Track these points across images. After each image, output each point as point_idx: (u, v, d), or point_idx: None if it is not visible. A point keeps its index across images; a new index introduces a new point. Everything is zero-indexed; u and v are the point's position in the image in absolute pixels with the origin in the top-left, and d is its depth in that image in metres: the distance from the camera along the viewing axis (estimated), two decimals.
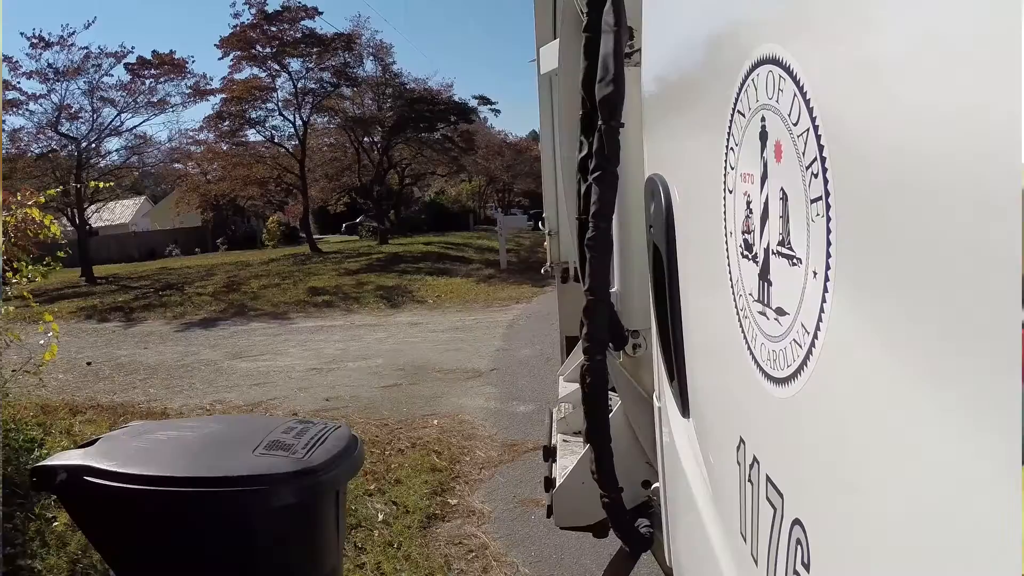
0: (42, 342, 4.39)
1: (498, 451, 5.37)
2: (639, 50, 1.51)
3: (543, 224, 5.76)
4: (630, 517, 1.82)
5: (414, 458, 5.13)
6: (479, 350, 9.19)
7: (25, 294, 4.52)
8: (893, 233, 0.57)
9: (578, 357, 2.13)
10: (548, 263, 5.63)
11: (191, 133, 28.92)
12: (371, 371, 8.26)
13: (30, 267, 4.56)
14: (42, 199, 4.85)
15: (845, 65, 0.63)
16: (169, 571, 1.74)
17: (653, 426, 1.75)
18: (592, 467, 1.50)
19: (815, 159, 0.63)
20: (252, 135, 27.11)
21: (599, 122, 1.36)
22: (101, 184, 5.72)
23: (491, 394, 7.23)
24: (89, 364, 7.26)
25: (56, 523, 3.77)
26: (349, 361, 8.73)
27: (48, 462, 1.78)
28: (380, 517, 4.15)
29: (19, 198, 4.66)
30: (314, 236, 28.07)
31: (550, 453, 2.64)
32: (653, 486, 1.73)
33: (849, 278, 0.61)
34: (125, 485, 1.59)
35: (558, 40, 2.49)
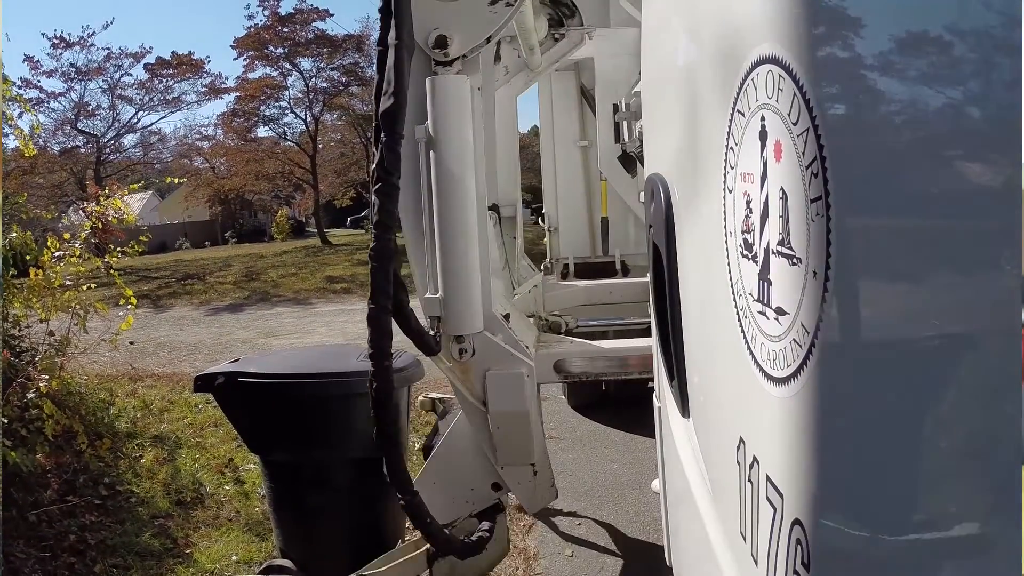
0: (121, 313, 4.99)
1: None
2: (458, 58, 1.54)
3: (543, 220, 5.76)
4: (479, 517, 1.86)
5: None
6: None
7: (113, 272, 5.23)
8: (893, 233, 0.57)
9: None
10: (548, 259, 5.63)
11: (200, 129, 29.40)
12: (393, 344, 8.75)
13: (118, 249, 5.38)
14: (126, 192, 5.68)
15: (845, 65, 0.62)
16: (299, 446, 2.21)
17: (487, 430, 1.77)
18: (386, 470, 1.53)
19: (815, 159, 0.63)
20: (264, 132, 27.59)
21: (381, 134, 1.39)
22: (134, 187, 6.09)
23: None
24: (132, 344, 7.49)
25: (143, 459, 4.61)
26: None
27: (208, 371, 2.37)
28: (416, 446, 4.81)
29: (107, 191, 5.49)
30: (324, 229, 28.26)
31: (428, 452, 2.68)
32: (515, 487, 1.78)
33: (849, 278, 0.61)
34: (270, 381, 2.05)
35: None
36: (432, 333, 1.65)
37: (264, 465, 2.42)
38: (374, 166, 1.44)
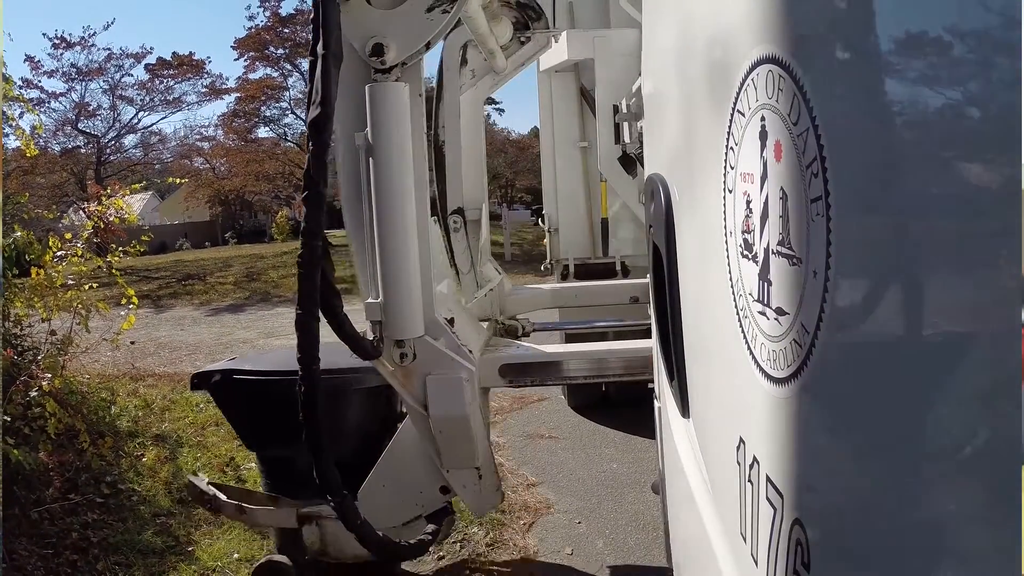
0: (122, 313, 5.01)
1: (509, 402, 5.97)
2: (397, 65, 1.55)
3: (543, 221, 5.76)
4: (428, 519, 1.87)
5: None
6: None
7: (115, 272, 5.29)
8: (893, 233, 0.57)
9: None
10: (548, 259, 5.63)
11: (201, 129, 29.51)
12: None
13: (119, 249, 5.44)
14: (128, 192, 5.70)
15: (845, 65, 0.62)
16: (294, 443, 2.22)
17: (430, 437, 1.78)
18: (315, 473, 1.55)
19: (815, 159, 0.63)
20: (264, 132, 27.69)
21: (308, 143, 1.41)
22: (135, 187, 6.10)
23: None
24: (133, 343, 7.52)
25: (145, 458, 4.62)
26: None
27: (204, 369, 2.38)
28: None
29: (108, 191, 5.52)
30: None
31: None
32: (450, 494, 1.79)
33: (849, 278, 0.61)
34: (265, 379, 2.05)
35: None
36: (372, 338, 1.66)
37: (260, 461, 2.44)
38: (304, 173, 1.47)
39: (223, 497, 2.39)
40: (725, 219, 0.86)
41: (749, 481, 0.81)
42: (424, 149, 1.74)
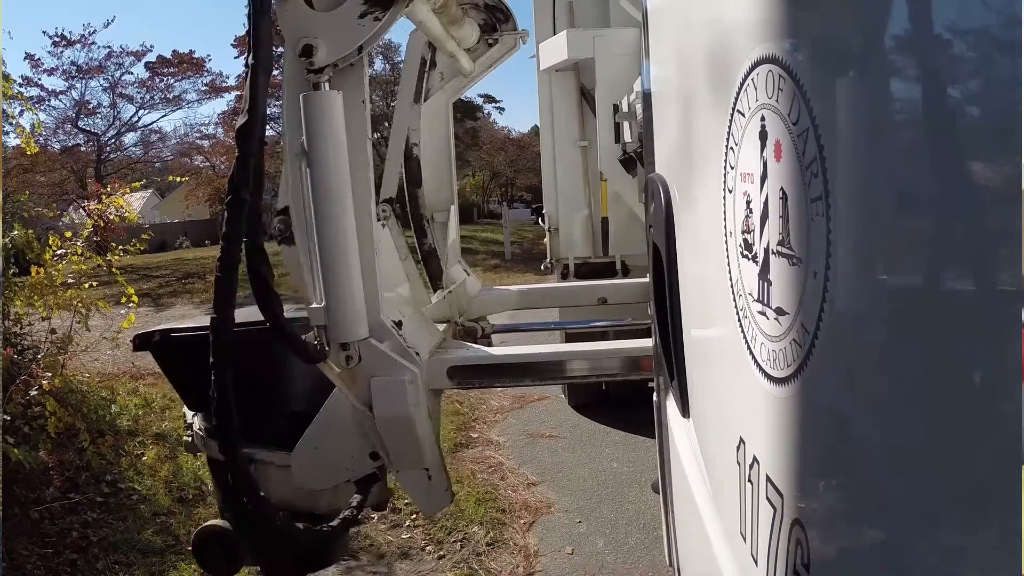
0: (122, 312, 5.04)
1: (509, 401, 6.04)
2: (328, 67, 1.57)
3: (543, 220, 5.76)
4: (356, 484, 1.88)
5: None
6: None
7: (115, 271, 5.30)
8: (893, 233, 0.57)
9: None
10: (548, 259, 5.63)
11: (201, 127, 29.57)
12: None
13: (119, 247, 5.43)
14: (128, 190, 5.76)
15: (845, 65, 0.62)
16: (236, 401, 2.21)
17: (378, 438, 1.80)
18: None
19: (815, 159, 0.63)
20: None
21: (236, 150, 1.44)
22: (136, 185, 6.11)
23: None
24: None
25: (145, 457, 4.65)
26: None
27: (144, 331, 2.39)
28: None
29: (109, 189, 5.56)
30: None
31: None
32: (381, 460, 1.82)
33: (849, 278, 0.61)
34: (201, 335, 2.02)
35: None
36: (316, 342, 1.69)
37: (204, 421, 2.35)
38: (228, 179, 1.51)
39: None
40: (725, 219, 0.86)
41: (749, 481, 0.81)
42: (368, 155, 1.75)
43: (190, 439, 2.36)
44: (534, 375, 1.99)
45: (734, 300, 0.84)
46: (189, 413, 2.40)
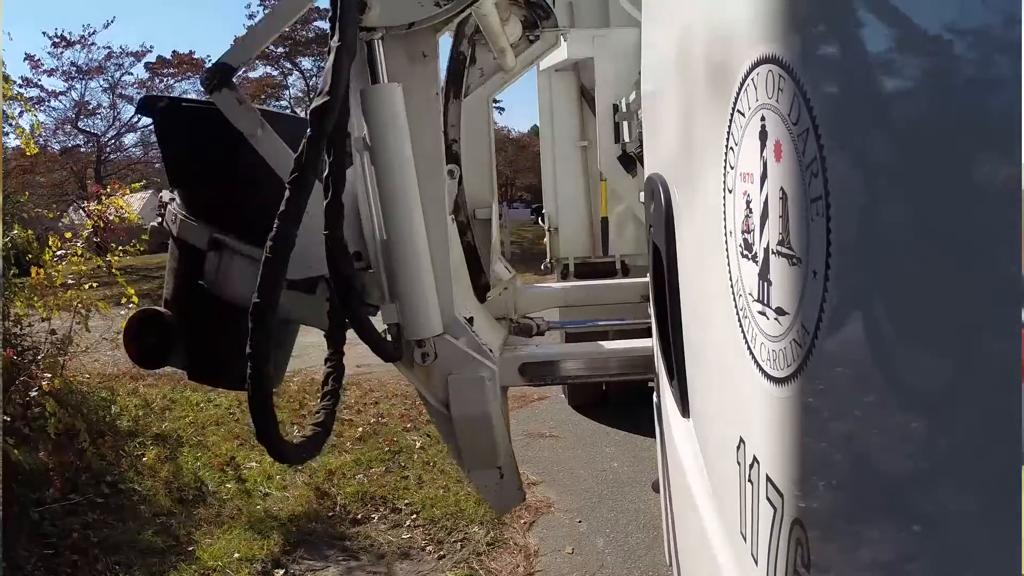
0: (122, 312, 5.06)
1: (509, 401, 5.98)
2: (378, 29, 1.53)
3: (543, 220, 5.76)
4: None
5: None
6: None
7: (115, 271, 5.29)
8: (893, 233, 0.57)
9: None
10: (548, 259, 5.63)
11: None
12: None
13: (119, 248, 5.45)
14: (128, 191, 5.70)
15: (845, 65, 0.62)
16: (227, 182, 2.09)
17: (452, 437, 1.77)
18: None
19: (815, 159, 0.63)
20: None
21: (307, 130, 1.38)
22: (136, 186, 6.04)
23: None
24: None
25: (145, 458, 4.64)
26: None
27: (151, 95, 2.56)
28: (418, 444, 5.03)
29: (109, 190, 5.55)
30: None
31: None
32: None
33: (849, 278, 0.61)
34: (210, 109, 1.95)
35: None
36: (390, 340, 1.66)
37: (188, 198, 2.19)
38: (295, 157, 1.41)
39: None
40: (725, 219, 0.86)
41: (749, 481, 0.81)
42: (439, 148, 1.72)
43: (159, 220, 2.23)
44: (606, 369, 1.97)
45: (734, 300, 0.84)
46: (167, 193, 2.28)
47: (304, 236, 1.71)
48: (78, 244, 4.81)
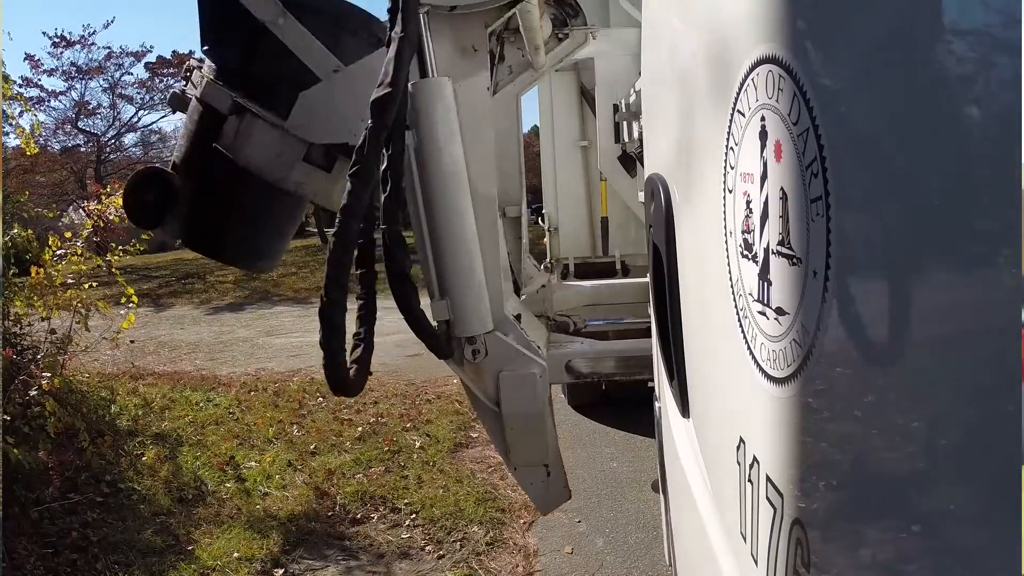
0: (122, 312, 5.02)
1: None
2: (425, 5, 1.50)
3: (543, 220, 5.76)
4: None
5: (440, 405, 5.94)
6: None
7: (115, 271, 5.28)
8: (893, 233, 0.57)
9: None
10: (548, 258, 5.62)
11: None
12: (394, 344, 9.14)
13: (119, 247, 5.44)
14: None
15: (845, 65, 0.62)
16: (247, 46, 2.02)
17: (501, 433, 1.76)
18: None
19: (815, 159, 0.63)
20: None
21: (367, 121, 1.36)
22: None
23: None
24: (133, 342, 7.54)
25: (145, 457, 4.63)
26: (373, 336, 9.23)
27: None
28: (417, 444, 5.00)
29: (109, 190, 5.56)
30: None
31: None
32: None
33: (849, 278, 0.61)
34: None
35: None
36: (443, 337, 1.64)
37: (213, 61, 2.15)
38: (355, 149, 1.38)
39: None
40: (725, 219, 0.86)
41: (749, 481, 0.81)
42: (490, 144, 1.71)
43: (182, 88, 2.16)
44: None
45: (734, 300, 0.84)
46: (195, 60, 2.21)
47: (326, 100, 1.67)
48: (78, 244, 4.81)
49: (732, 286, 0.84)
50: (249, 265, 2.39)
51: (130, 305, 4.92)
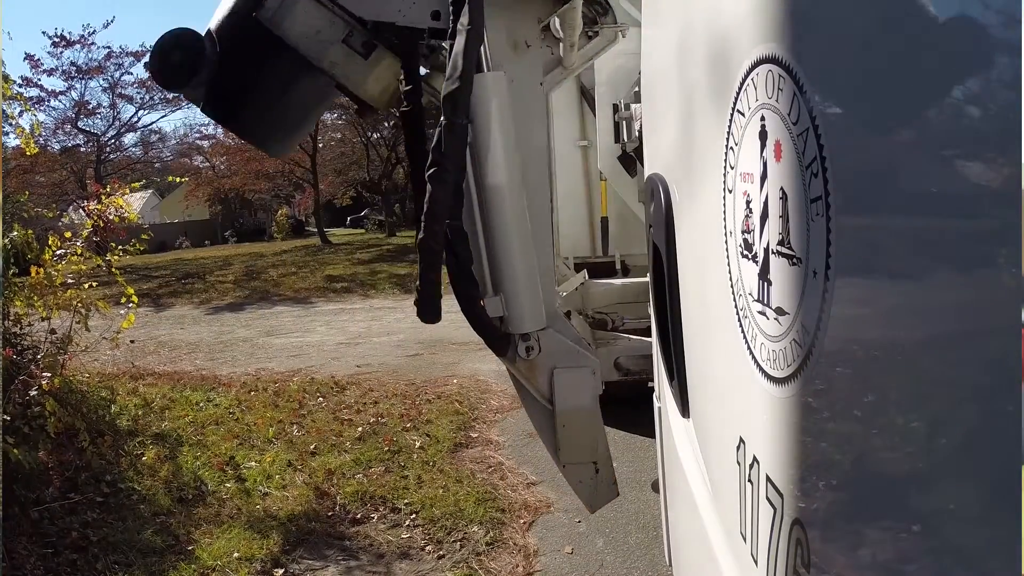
0: (122, 312, 5.02)
1: (509, 401, 6.01)
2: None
3: None
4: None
5: (440, 405, 5.94)
6: None
7: (114, 271, 5.32)
8: (893, 233, 0.57)
9: None
10: None
11: (200, 128, 29.69)
12: (394, 344, 9.11)
13: (119, 247, 5.47)
14: (128, 190, 5.70)
15: (845, 65, 0.62)
16: None
17: (552, 430, 1.76)
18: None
19: (815, 159, 0.63)
20: None
21: (441, 118, 1.34)
22: (135, 185, 5.99)
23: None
24: (133, 342, 7.56)
25: (145, 457, 4.65)
26: (373, 337, 9.43)
27: None
28: (417, 444, 5.00)
29: (108, 189, 5.54)
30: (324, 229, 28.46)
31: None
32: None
33: (849, 278, 0.61)
34: None
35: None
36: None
37: None
38: (431, 147, 1.36)
39: None
40: (725, 219, 0.86)
41: (749, 481, 0.81)
42: (545, 141, 1.70)
43: None
44: None
45: (734, 300, 0.84)
46: None
47: None
48: (78, 244, 4.81)
49: (732, 286, 0.84)
50: (262, 141, 2.29)
51: (130, 305, 4.93)
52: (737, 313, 0.83)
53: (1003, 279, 0.46)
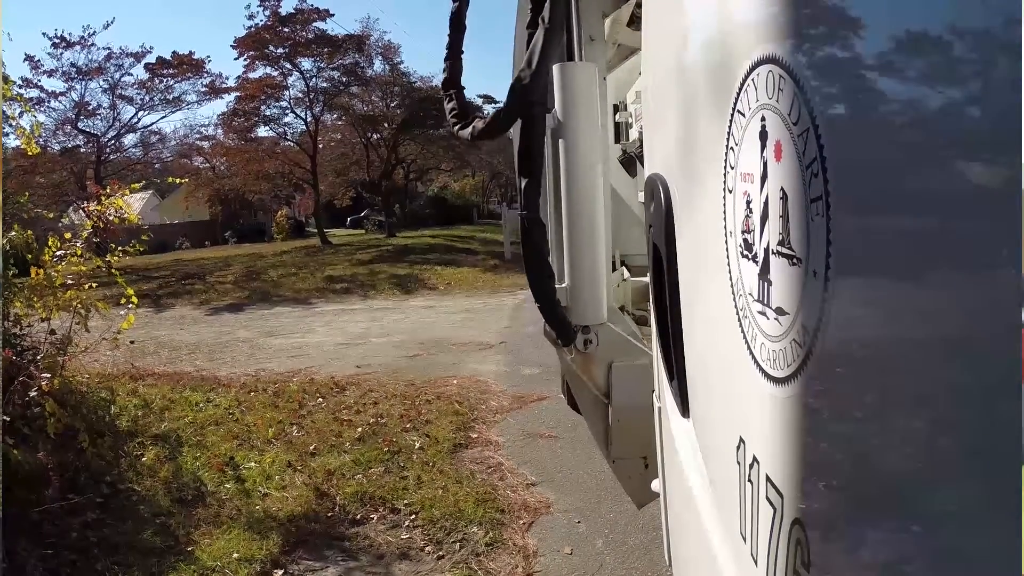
0: (122, 312, 5.03)
1: (509, 401, 6.12)
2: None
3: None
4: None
5: (440, 406, 5.97)
6: (489, 328, 9.94)
7: (114, 272, 5.27)
8: (893, 233, 0.57)
9: None
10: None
11: (200, 128, 29.78)
12: (394, 345, 9.13)
13: (119, 248, 5.45)
14: (128, 191, 5.68)
15: (845, 65, 0.62)
16: None
17: (604, 422, 1.74)
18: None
19: (815, 159, 0.63)
20: (264, 131, 27.78)
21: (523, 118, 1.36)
22: (135, 186, 5.97)
23: (501, 361, 7.90)
24: (133, 343, 7.57)
25: (144, 458, 4.66)
26: (373, 337, 9.50)
27: None
28: (417, 445, 5.02)
29: (108, 190, 5.55)
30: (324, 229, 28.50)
31: None
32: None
33: (849, 278, 0.61)
34: None
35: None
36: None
37: None
38: (518, 142, 1.38)
39: None
40: (725, 219, 0.86)
41: (749, 481, 0.81)
42: (605, 131, 1.71)
43: None
44: None
45: (734, 300, 0.84)
46: None
47: None
48: (78, 244, 4.81)
49: (732, 286, 0.84)
50: None
51: (130, 306, 4.93)
52: (737, 313, 0.83)
53: (1003, 279, 0.46)
